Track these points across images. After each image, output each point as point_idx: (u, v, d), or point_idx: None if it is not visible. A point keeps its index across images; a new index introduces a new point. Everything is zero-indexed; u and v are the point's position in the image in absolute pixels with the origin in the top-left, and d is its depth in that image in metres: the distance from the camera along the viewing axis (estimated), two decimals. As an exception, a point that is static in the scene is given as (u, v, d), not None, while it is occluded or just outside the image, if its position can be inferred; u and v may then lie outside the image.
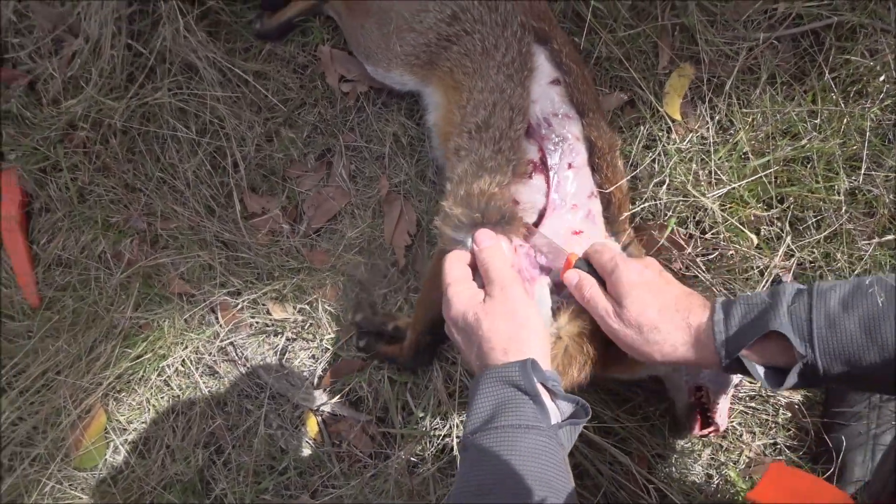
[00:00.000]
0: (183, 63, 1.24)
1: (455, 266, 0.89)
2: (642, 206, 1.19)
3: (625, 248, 1.18)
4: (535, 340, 0.80)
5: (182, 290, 1.29)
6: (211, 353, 1.29)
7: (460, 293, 0.85)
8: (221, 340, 1.28)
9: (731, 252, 1.17)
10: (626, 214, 1.16)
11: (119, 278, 1.29)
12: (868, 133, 1.13)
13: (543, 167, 1.09)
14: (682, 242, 1.19)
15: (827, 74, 1.19)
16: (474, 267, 0.92)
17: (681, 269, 1.21)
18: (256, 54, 1.26)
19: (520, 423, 0.72)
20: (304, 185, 1.22)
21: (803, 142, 1.18)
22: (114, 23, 1.26)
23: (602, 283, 0.87)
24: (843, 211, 1.14)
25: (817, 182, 1.18)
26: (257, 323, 1.26)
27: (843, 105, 1.16)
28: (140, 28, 1.27)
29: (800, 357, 0.70)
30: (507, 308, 0.81)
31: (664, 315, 0.79)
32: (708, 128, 1.20)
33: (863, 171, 1.14)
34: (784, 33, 1.23)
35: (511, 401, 0.73)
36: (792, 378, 0.71)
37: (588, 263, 0.90)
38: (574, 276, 0.89)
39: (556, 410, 0.77)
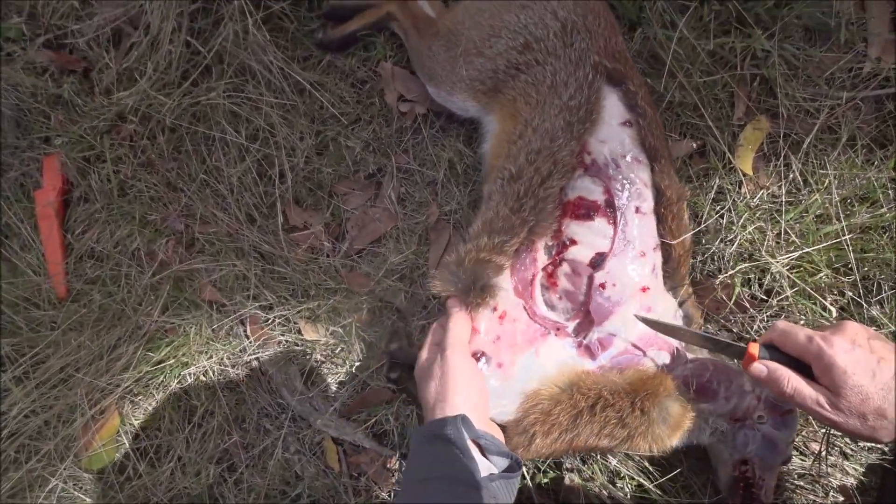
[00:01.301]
0: (240, 65, 1.21)
1: (426, 346, 0.96)
2: (703, 262, 1.13)
3: (681, 305, 1.12)
4: (464, 401, 0.85)
5: (213, 298, 1.24)
6: (235, 367, 1.24)
7: (424, 354, 0.94)
8: (248, 355, 1.23)
9: (798, 320, 1.10)
10: (685, 270, 1.10)
11: (150, 279, 1.25)
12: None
13: (608, 209, 1.03)
14: (746, 304, 1.12)
15: (911, 141, 1.12)
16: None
17: (740, 332, 1.14)
18: (316, 64, 1.23)
19: (449, 475, 0.76)
20: (351, 203, 1.17)
21: (882, 210, 1.11)
22: (175, 18, 1.23)
23: (791, 363, 0.80)
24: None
25: (893, 253, 1.10)
26: (286, 341, 1.21)
27: (928, 176, 1.09)
28: (201, 26, 1.24)
29: None
30: (443, 370, 0.88)
31: (888, 398, 0.72)
32: (780, 186, 1.13)
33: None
34: (868, 94, 1.16)
35: (440, 454, 0.78)
36: None
37: (770, 347, 0.83)
38: (763, 369, 0.81)
39: (488, 465, 0.81)
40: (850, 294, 1.11)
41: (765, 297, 1.11)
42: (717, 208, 1.13)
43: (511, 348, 0.98)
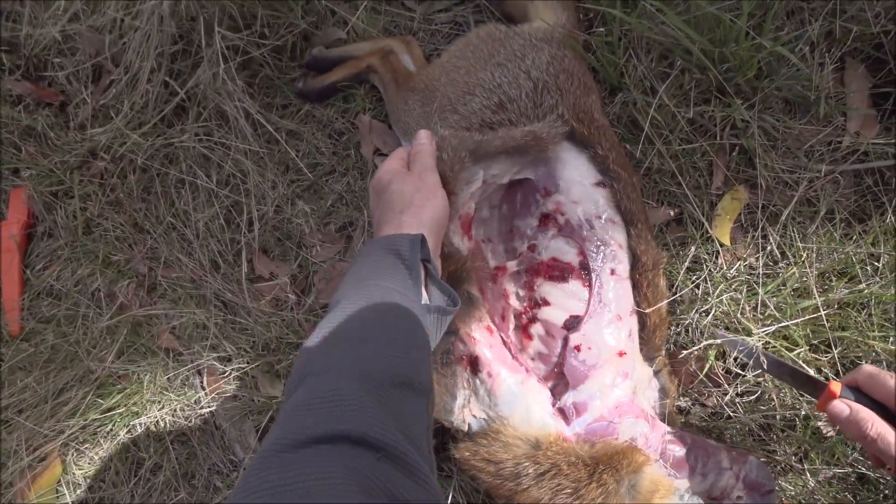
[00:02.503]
0: (216, 109, 1.19)
1: (393, 158, 0.90)
2: (678, 333, 1.09)
3: (657, 374, 1.09)
4: (430, 212, 0.81)
5: (170, 346, 1.19)
6: (188, 419, 1.18)
7: (388, 164, 0.88)
8: (202, 407, 1.17)
9: (772, 395, 1.06)
10: (661, 340, 1.07)
11: (108, 321, 1.20)
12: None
13: (583, 271, 1.01)
14: (720, 378, 1.08)
15: (890, 216, 1.11)
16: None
17: (715, 406, 1.09)
18: (294, 112, 1.21)
19: (392, 287, 0.71)
20: (320, 256, 1.14)
21: (861, 286, 1.09)
22: (155, 58, 1.22)
23: (874, 408, 0.78)
24: (899, 368, 1.03)
25: (872, 330, 1.08)
26: (243, 396, 1.16)
27: (906, 252, 1.07)
28: (180, 67, 1.23)
29: None
30: (417, 179, 0.84)
31: None
32: (758, 257, 1.11)
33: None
34: (847, 168, 1.15)
35: (391, 267, 0.73)
36: None
37: (853, 389, 0.81)
38: (844, 409, 0.79)
39: (425, 295, 0.77)
40: (829, 372, 1.08)
41: (740, 371, 1.08)
42: (693, 278, 1.10)
43: (502, 362, 0.95)
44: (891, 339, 1.07)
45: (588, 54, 1.12)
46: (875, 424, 0.76)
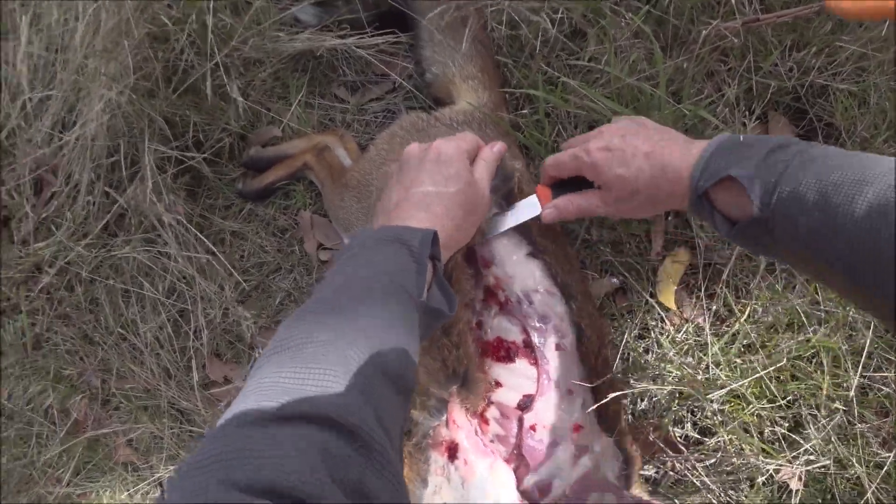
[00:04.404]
0: (158, 218, 1.19)
1: (465, 141, 0.87)
2: (633, 402, 1.10)
3: (617, 444, 1.08)
4: (470, 227, 0.81)
5: (127, 460, 1.17)
6: (151, 535, 1.15)
7: (458, 143, 0.84)
8: (163, 523, 1.14)
9: (733, 458, 1.06)
10: (619, 411, 1.07)
11: (61, 444, 1.18)
12: (873, 326, 1.05)
13: (528, 349, 1.01)
14: (679, 445, 1.08)
15: (829, 263, 1.13)
16: None
17: (679, 471, 1.09)
18: (237, 213, 1.22)
19: (395, 278, 0.64)
20: (271, 356, 1.13)
21: (807, 336, 1.10)
22: (93, 170, 1.23)
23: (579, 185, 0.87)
24: (856, 413, 1.05)
25: (823, 378, 1.09)
26: (204, 507, 1.13)
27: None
28: (119, 178, 1.23)
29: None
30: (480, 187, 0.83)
31: (639, 177, 0.79)
32: (704, 318, 1.12)
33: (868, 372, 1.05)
34: (782, 218, 1.18)
35: (397, 255, 0.66)
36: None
37: (556, 185, 0.91)
38: (553, 212, 0.89)
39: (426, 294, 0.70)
40: (785, 425, 1.09)
41: (699, 436, 1.08)
42: (643, 344, 1.11)
43: (475, 448, 0.94)
44: (843, 385, 1.08)
45: (518, 133, 1.14)
46: (572, 203, 0.86)
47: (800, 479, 1.09)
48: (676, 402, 1.08)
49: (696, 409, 1.10)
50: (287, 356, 0.53)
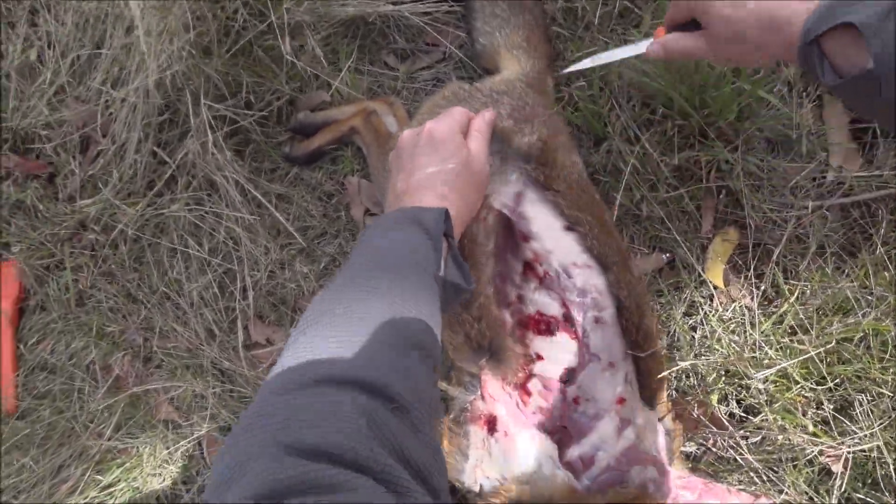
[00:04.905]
0: (205, 178, 1.19)
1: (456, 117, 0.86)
2: (678, 377, 1.09)
3: (661, 421, 1.08)
4: (474, 201, 0.82)
5: (169, 417, 1.18)
6: (191, 492, 1.16)
7: (449, 120, 0.84)
8: (204, 479, 1.15)
9: (777, 437, 1.06)
10: (662, 385, 1.07)
11: (103, 398, 1.19)
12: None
13: (568, 323, 1.00)
14: (724, 421, 1.08)
15: (880, 248, 1.12)
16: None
17: (721, 448, 1.09)
18: (283, 176, 1.22)
19: (415, 247, 0.69)
20: (315, 319, 1.13)
21: (857, 319, 1.09)
22: (142, 128, 1.23)
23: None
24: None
25: (871, 363, 1.08)
26: (245, 466, 1.14)
27: (899, 281, 1.08)
28: (168, 137, 1.24)
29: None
30: (465, 154, 0.81)
31: (747, 20, 0.74)
32: (753, 298, 1.11)
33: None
34: (833, 202, 1.17)
35: (414, 234, 0.70)
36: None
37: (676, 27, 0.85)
38: (657, 49, 0.84)
39: (443, 269, 0.74)
40: (831, 407, 1.08)
41: (744, 414, 1.07)
42: (690, 321, 1.10)
43: (515, 419, 0.94)
44: (891, 370, 1.07)
45: (571, 110, 1.13)
46: (678, 41, 0.81)
47: (844, 463, 1.08)
48: (723, 379, 1.07)
49: (740, 388, 1.09)
50: (323, 324, 0.58)
